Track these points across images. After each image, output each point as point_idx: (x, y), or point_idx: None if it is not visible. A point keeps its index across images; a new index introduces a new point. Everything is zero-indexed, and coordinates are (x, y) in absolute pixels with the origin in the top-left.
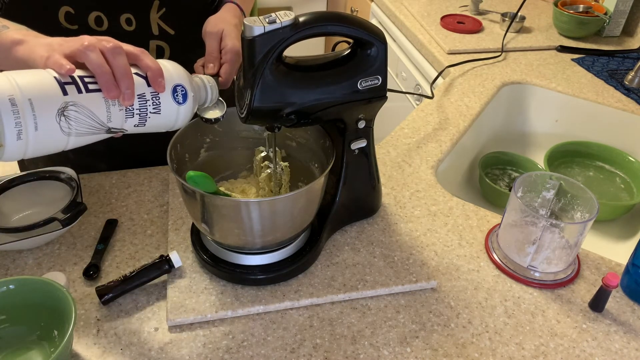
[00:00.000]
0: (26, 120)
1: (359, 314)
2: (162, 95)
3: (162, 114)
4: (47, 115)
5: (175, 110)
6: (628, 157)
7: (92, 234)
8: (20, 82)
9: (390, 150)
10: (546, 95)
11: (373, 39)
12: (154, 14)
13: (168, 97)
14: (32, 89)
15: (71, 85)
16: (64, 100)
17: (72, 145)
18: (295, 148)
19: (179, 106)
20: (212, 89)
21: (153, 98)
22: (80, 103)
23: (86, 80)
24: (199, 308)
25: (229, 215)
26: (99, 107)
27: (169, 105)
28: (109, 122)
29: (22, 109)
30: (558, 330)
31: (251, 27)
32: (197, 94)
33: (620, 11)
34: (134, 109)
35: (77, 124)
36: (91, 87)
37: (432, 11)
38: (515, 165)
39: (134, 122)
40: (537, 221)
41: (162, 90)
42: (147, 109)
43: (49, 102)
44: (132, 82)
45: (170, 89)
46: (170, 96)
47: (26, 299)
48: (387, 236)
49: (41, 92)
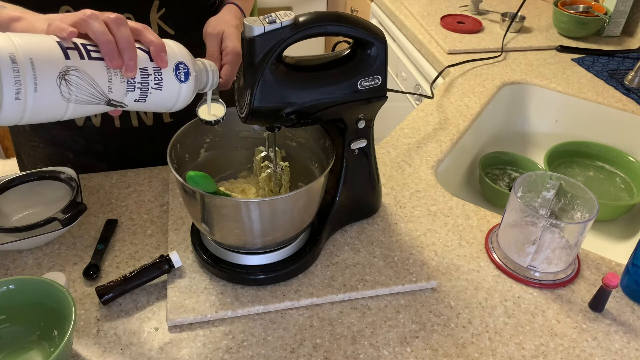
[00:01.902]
0: (26, 79)
1: (359, 314)
2: (164, 71)
3: (164, 90)
4: (47, 76)
5: (177, 88)
6: (628, 157)
7: (92, 234)
8: (21, 42)
9: (390, 150)
10: (546, 95)
11: (373, 39)
12: (153, 14)
13: (170, 74)
14: (34, 50)
15: (73, 51)
16: (66, 64)
17: (71, 115)
18: (295, 148)
19: (181, 84)
20: (213, 73)
21: (155, 73)
22: (82, 68)
23: (89, 48)
24: (199, 308)
25: (229, 215)
26: (101, 75)
27: (171, 82)
28: (109, 92)
29: (23, 68)
30: (558, 330)
31: (251, 27)
32: (199, 75)
33: (620, 11)
34: (135, 82)
35: (77, 89)
36: (94, 54)
37: (432, 11)
38: (515, 165)
39: (134, 96)
40: (537, 221)
41: (165, 66)
42: (148, 83)
43: (51, 64)
44: (135, 53)
45: (172, 65)
46: (173, 73)
47: (26, 299)
48: (387, 236)
49: (43, 53)
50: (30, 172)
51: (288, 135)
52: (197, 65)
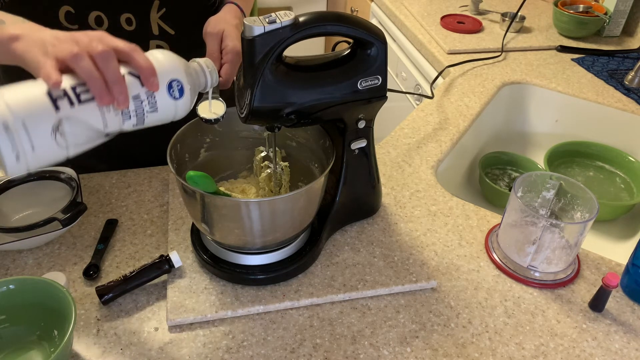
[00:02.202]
0: (22, 143)
1: (359, 314)
2: (157, 94)
3: (160, 112)
4: (42, 134)
5: (172, 106)
6: (628, 157)
7: (92, 234)
8: (11, 102)
9: (390, 150)
10: (546, 95)
11: (373, 39)
12: (154, 14)
13: (164, 94)
14: (24, 109)
15: (63, 99)
16: (57, 116)
17: (73, 154)
18: (295, 148)
19: (176, 101)
20: (211, 73)
21: (148, 98)
22: (73, 116)
23: (78, 91)
24: (199, 308)
25: (229, 215)
26: (94, 116)
27: (166, 102)
28: (105, 128)
29: (17, 133)
30: (558, 330)
31: (251, 27)
32: (195, 83)
33: (620, 11)
34: (129, 110)
35: (73, 137)
36: (83, 97)
37: (432, 11)
38: (515, 165)
39: (131, 123)
40: (537, 221)
41: (156, 89)
42: (143, 109)
43: (42, 121)
44: (125, 86)
45: (165, 85)
46: (166, 92)
47: (26, 299)
48: (387, 236)
49: (34, 112)
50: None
51: (288, 135)
52: (193, 69)
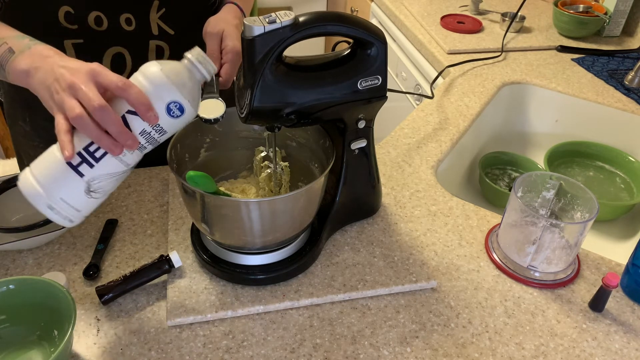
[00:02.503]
0: (68, 212)
1: (359, 314)
2: (160, 121)
3: (169, 131)
4: (79, 199)
5: (178, 122)
6: (628, 157)
7: (92, 234)
8: (45, 184)
9: (390, 150)
10: (546, 95)
11: (373, 39)
12: (153, 14)
13: (166, 118)
14: (57, 187)
15: (83, 165)
16: (84, 181)
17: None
18: (295, 148)
19: (180, 118)
20: (204, 65)
21: (154, 127)
22: (97, 175)
23: (92, 150)
24: (199, 308)
25: (229, 215)
26: (114, 164)
27: (171, 122)
28: (127, 166)
29: (60, 208)
30: (558, 330)
31: (251, 27)
32: (192, 88)
33: (620, 11)
34: (142, 144)
35: (104, 188)
36: (98, 154)
37: (432, 11)
38: (515, 165)
39: (148, 150)
40: (537, 221)
41: (156, 121)
42: (153, 137)
43: (75, 190)
44: (129, 133)
45: (164, 111)
46: (167, 116)
47: (26, 299)
48: (387, 236)
49: (65, 186)
50: None
51: (288, 135)
52: (186, 70)
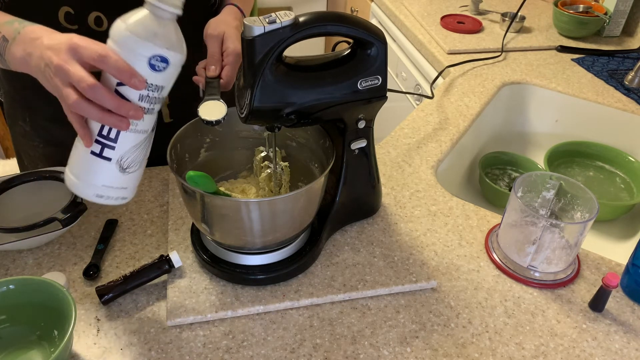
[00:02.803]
0: (116, 194)
1: (359, 314)
2: (149, 80)
3: (166, 85)
4: (119, 180)
5: (169, 73)
6: (628, 157)
7: (92, 234)
8: (83, 177)
9: (390, 150)
10: (546, 95)
11: (373, 39)
12: None
13: (154, 75)
14: (95, 177)
15: (105, 149)
16: (114, 163)
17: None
18: (295, 148)
19: (167, 69)
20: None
21: (148, 89)
22: (122, 153)
23: (105, 133)
24: (199, 308)
25: (229, 215)
26: (132, 138)
27: (162, 76)
28: (145, 133)
29: (108, 194)
30: (558, 330)
31: (251, 27)
32: (167, 35)
33: (620, 11)
34: (147, 108)
35: (136, 160)
36: (112, 134)
37: (432, 11)
38: (515, 165)
39: (157, 108)
40: (537, 221)
41: (143, 84)
42: (154, 97)
43: (111, 174)
44: (127, 104)
45: (147, 70)
46: (154, 73)
47: (26, 299)
48: (387, 236)
49: (101, 174)
50: (30, 172)
51: (288, 135)
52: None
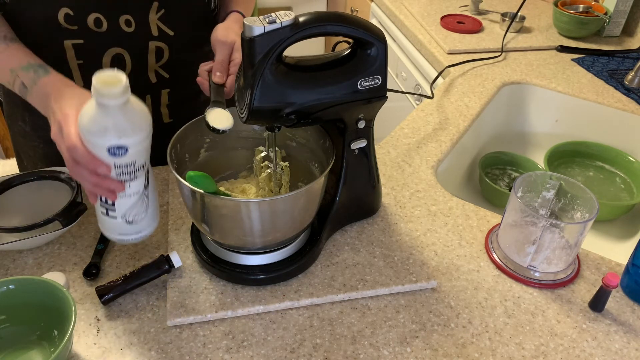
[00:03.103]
0: (134, 237)
1: (359, 314)
2: (116, 162)
3: (137, 160)
4: (130, 229)
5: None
6: (628, 157)
7: (92, 234)
8: (104, 229)
9: (390, 150)
10: (546, 95)
11: (373, 39)
12: (153, 15)
13: (118, 159)
14: (111, 230)
15: (109, 211)
16: (120, 218)
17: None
18: (295, 148)
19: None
20: (105, 95)
21: (120, 169)
22: (122, 212)
23: (104, 200)
24: (199, 308)
25: (229, 215)
26: (125, 201)
27: (128, 157)
28: (138, 194)
29: (127, 238)
30: (558, 330)
31: (251, 27)
32: (119, 124)
33: (620, 11)
34: (127, 180)
35: (138, 214)
36: (109, 200)
37: (432, 11)
38: (515, 165)
39: (141, 177)
40: (537, 221)
41: (108, 171)
42: (129, 171)
43: (122, 226)
44: (105, 181)
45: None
46: (116, 158)
47: (26, 299)
48: (387, 236)
49: (114, 227)
50: (30, 172)
51: (288, 135)
52: (99, 109)
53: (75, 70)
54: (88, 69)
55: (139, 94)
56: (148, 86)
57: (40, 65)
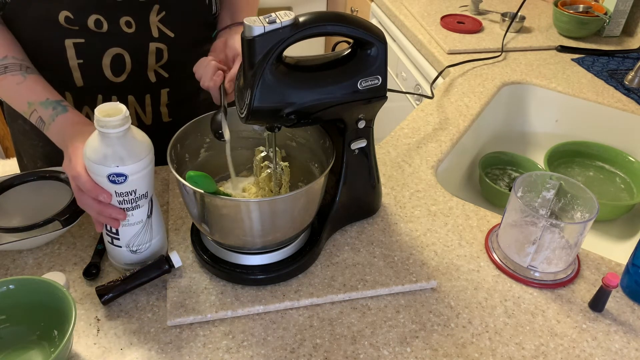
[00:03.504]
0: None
1: (359, 314)
2: (117, 189)
3: (138, 188)
4: (135, 258)
5: (132, 181)
6: (628, 157)
7: (92, 234)
8: (112, 258)
9: (390, 150)
10: (546, 95)
11: (373, 39)
12: (153, 17)
13: (118, 186)
14: (118, 258)
15: (114, 240)
16: (124, 247)
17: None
18: (295, 148)
19: (129, 179)
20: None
21: (121, 197)
22: (126, 241)
23: (108, 228)
24: (199, 308)
25: (229, 215)
26: (128, 230)
27: (127, 185)
28: (140, 223)
29: (136, 262)
30: (558, 330)
31: (251, 27)
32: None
33: (620, 11)
34: (128, 207)
35: (142, 244)
36: (113, 229)
37: (432, 11)
38: (515, 165)
39: (143, 205)
40: (537, 221)
41: (110, 199)
42: (130, 199)
43: (127, 255)
44: (107, 209)
45: (110, 184)
46: (116, 185)
47: (26, 299)
48: (387, 236)
49: (120, 256)
50: (30, 172)
51: (288, 135)
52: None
53: (75, 69)
54: (88, 69)
55: (138, 93)
56: (148, 85)
57: (58, 102)
